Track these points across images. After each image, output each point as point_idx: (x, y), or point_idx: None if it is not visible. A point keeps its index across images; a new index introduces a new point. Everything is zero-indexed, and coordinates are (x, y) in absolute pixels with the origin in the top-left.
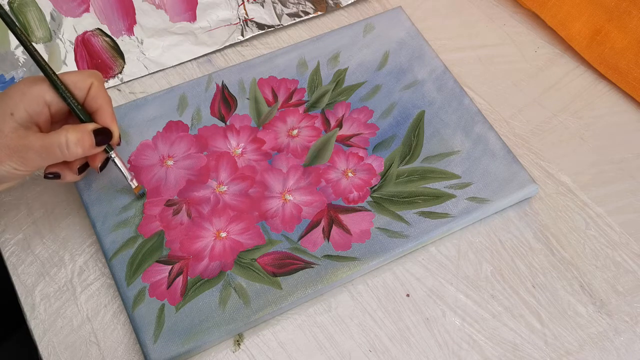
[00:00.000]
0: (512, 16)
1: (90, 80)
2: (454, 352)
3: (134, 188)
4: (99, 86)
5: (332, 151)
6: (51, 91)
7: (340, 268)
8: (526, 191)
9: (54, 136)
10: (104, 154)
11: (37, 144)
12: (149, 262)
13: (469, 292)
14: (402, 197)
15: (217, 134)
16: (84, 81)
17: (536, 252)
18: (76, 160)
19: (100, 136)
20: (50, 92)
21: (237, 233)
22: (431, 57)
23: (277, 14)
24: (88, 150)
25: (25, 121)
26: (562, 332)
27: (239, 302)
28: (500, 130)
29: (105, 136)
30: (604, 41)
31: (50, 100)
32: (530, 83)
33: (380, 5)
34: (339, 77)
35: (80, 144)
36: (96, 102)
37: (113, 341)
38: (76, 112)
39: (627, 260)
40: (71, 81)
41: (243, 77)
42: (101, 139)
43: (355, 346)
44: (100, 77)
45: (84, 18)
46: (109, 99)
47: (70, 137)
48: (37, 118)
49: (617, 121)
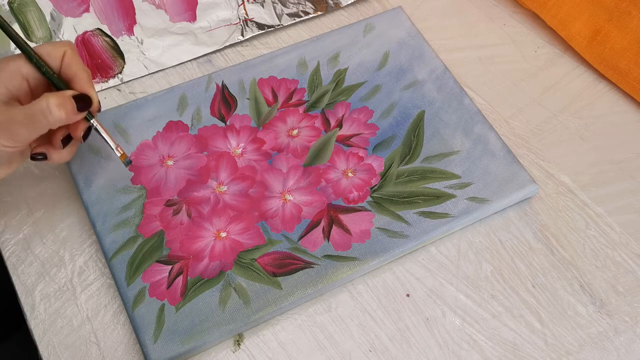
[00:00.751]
0: (512, 16)
1: (63, 48)
2: (454, 352)
3: (119, 156)
4: (72, 54)
5: (332, 151)
6: (27, 64)
7: (340, 268)
8: (526, 191)
9: (36, 104)
10: (85, 123)
11: (20, 115)
12: (149, 262)
13: (469, 292)
14: (402, 197)
15: (217, 134)
16: (57, 50)
17: (536, 252)
18: (58, 132)
19: (81, 102)
20: (26, 65)
21: (237, 233)
22: (431, 57)
23: (277, 14)
24: (70, 115)
25: (6, 97)
26: (562, 332)
27: (239, 302)
28: (500, 130)
29: (85, 102)
30: (604, 41)
31: (27, 73)
32: (530, 83)
33: (380, 5)
34: (339, 77)
35: (62, 106)
36: (71, 69)
37: (113, 341)
38: (53, 81)
39: (627, 260)
40: (45, 52)
41: (243, 77)
42: (82, 105)
43: (355, 346)
44: (73, 46)
45: (84, 18)
46: (84, 67)
47: (51, 101)
48: (17, 93)
49: (617, 121)
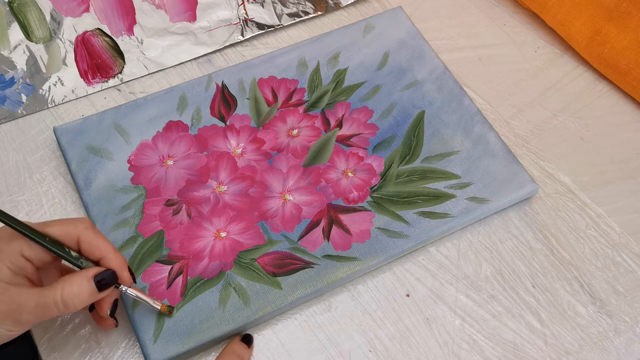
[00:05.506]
0: (512, 16)
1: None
2: (454, 352)
3: (160, 309)
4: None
5: (332, 151)
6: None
7: (340, 268)
8: (526, 191)
9: (49, 293)
10: (111, 297)
11: (30, 304)
12: (149, 262)
13: (469, 292)
14: (402, 197)
15: (217, 134)
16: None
17: (536, 252)
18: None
19: (103, 279)
20: (28, 247)
21: (237, 233)
22: (431, 57)
23: (277, 14)
24: (91, 298)
25: (11, 278)
26: (562, 332)
27: (239, 302)
28: (500, 130)
29: (109, 278)
30: (604, 41)
31: (30, 255)
32: (530, 83)
33: (380, 5)
34: (339, 77)
35: (77, 297)
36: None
37: (113, 341)
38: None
39: (627, 260)
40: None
41: (243, 77)
42: (104, 282)
43: (355, 346)
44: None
45: (83, 18)
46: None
47: (65, 293)
48: (23, 272)
49: (617, 121)
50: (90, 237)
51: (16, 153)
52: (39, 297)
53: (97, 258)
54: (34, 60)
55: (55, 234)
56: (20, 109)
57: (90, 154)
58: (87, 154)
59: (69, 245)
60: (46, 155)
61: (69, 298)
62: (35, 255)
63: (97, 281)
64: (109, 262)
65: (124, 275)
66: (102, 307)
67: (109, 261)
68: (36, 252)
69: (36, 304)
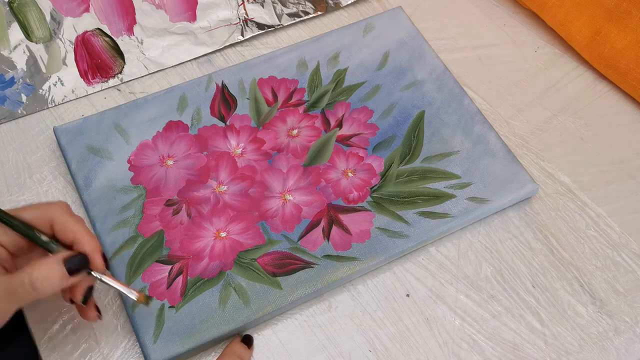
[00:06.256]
0: (512, 16)
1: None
2: (454, 352)
3: (136, 298)
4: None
5: (332, 151)
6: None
7: (340, 268)
8: (526, 191)
9: (17, 277)
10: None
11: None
12: (149, 262)
13: (469, 292)
14: (402, 197)
15: (217, 134)
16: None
17: (536, 252)
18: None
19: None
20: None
21: (237, 233)
22: (431, 57)
23: (277, 14)
24: (61, 282)
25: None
26: (562, 332)
27: (239, 302)
28: (500, 130)
29: (80, 262)
30: (604, 41)
31: (4, 241)
32: (530, 83)
33: (380, 5)
34: (339, 77)
35: (47, 279)
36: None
37: (113, 341)
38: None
39: (627, 260)
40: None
41: (243, 77)
42: (75, 266)
43: (355, 346)
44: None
45: (83, 18)
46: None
47: (34, 276)
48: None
49: (617, 121)
50: (63, 220)
51: (16, 153)
52: (8, 282)
53: (71, 241)
54: (34, 60)
55: (27, 217)
56: (20, 109)
57: (90, 154)
58: (87, 154)
59: (42, 228)
60: (46, 155)
61: (37, 280)
62: (10, 241)
63: (67, 265)
64: (82, 246)
65: (96, 259)
66: (75, 293)
67: (83, 245)
68: (11, 238)
69: (6, 288)
